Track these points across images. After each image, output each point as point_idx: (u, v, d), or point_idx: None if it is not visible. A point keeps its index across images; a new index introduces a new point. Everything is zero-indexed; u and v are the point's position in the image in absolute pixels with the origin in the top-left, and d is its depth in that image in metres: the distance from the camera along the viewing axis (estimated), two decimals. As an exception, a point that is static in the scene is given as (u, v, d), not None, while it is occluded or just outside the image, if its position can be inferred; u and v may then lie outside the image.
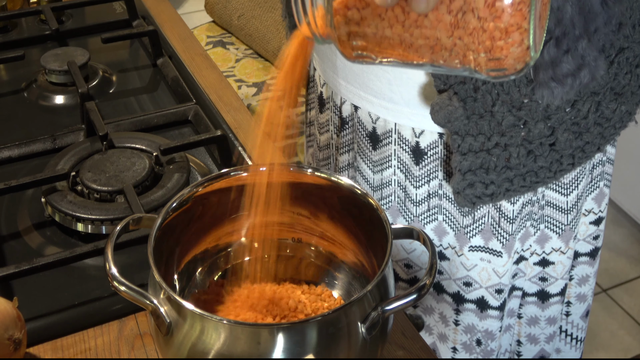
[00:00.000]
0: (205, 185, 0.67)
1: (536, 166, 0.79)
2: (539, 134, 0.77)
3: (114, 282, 0.58)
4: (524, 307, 0.96)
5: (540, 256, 0.90)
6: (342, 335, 0.56)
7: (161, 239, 0.64)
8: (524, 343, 0.99)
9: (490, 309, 0.91)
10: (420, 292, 0.57)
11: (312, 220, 0.71)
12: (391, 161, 0.86)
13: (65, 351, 0.70)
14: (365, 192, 0.65)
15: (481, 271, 0.88)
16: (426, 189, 0.85)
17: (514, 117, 0.75)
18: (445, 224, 0.86)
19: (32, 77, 1.11)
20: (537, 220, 0.87)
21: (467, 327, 0.93)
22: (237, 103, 1.06)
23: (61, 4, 1.25)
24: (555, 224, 0.88)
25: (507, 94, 0.74)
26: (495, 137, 0.76)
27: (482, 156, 0.77)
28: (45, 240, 0.83)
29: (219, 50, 2.12)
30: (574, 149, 0.79)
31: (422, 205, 0.86)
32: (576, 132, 0.78)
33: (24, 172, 0.92)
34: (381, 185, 0.88)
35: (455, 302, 0.91)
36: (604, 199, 0.93)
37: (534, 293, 0.95)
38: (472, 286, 0.90)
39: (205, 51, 1.21)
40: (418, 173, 0.84)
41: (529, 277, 0.93)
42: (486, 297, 0.90)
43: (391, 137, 0.84)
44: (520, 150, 0.77)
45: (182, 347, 0.57)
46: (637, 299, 1.94)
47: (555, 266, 0.92)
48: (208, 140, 0.92)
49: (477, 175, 0.79)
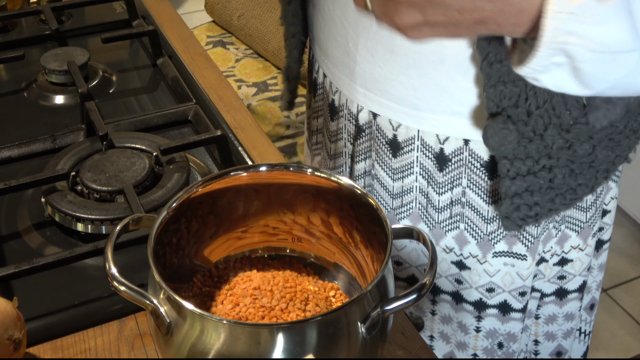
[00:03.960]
0: (205, 185, 0.67)
1: (576, 184, 0.80)
2: (582, 154, 0.77)
3: (114, 282, 0.58)
4: (542, 308, 0.96)
5: (560, 256, 0.90)
6: (342, 335, 0.56)
7: (161, 239, 0.64)
8: (541, 342, 0.99)
9: (513, 312, 0.91)
10: (420, 292, 0.57)
11: (312, 220, 0.71)
12: (413, 168, 0.85)
13: (65, 351, 0.70)
14: (365, 192, 0.65)
15: (504, 276, 0.88)
16: (449, 195, 0.84)
17: (563, 140, 0.75)
18: (466, 232, 0.86)
19: (32, 77, 1.11)
20: (559, 222, 0.87)
21: (489, 332, 0.93)
22: (237, 103, 1.06)
23: (61, 4, 1.25)
24: (575, 223, 0.88)
25: (559, 117, 0.74)
26: (543, 160, 0.77)
27: (529, 180, 0.77)
28: (45, 240, 0.83)
29: (219, 50, 2.12)
30: (608, 164, 0.81)
31: (444, 212, 0.85)
32: (611, 147, 0.79)
33: (24, 172, 0.92)
34: (402, 192, 0.87)
35: (477, 310, 0.91)
36: (609, 192, 0.93)
37: (553, 292, 0.94)
38: (494, 291, 0.89)
39: (205, 51, 1.21)
40: (441, 180, 0.84)
41: (548, 278, 0.92)
42: (509, 300, 0.90)
43: (413, 144, 0.83)
44: (565, 170, 0.78)
45: (182, 347, 0.57)
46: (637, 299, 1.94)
47: (573, 263, 0.92)
48: (208, 140, 0.92)
49: (522, 198, 0.79)
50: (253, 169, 0.69)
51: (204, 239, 0.70)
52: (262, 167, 0.69)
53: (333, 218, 0.70)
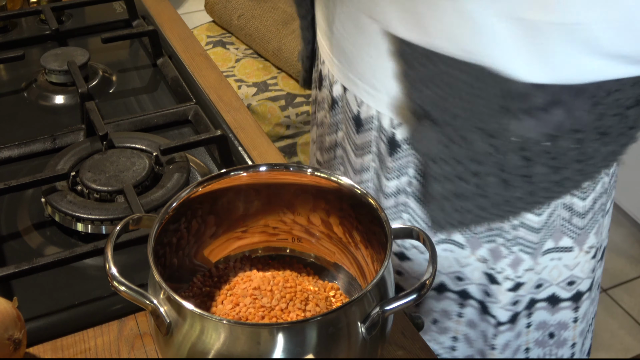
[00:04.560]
0: (205, 185, 0.67)
1: (509, 196, 0.78)
2: (513, 165, 0.76)
3: (113, 282, 0.58)
4: (497, 337, 0.95)
5: (513, 280, 0.89)
6: (342, 335, 0.56)
7: (161, 239, 0.64)
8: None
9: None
10: (420, 292, 0.57)
11: (311, 220, 0.71)
12: (371, 147, 0.86)
13: (65, 351, 0.70)
14: (365, 192, 0.65)
15: (443, 262, 0.88)
16: (396, 183, 0.84)
17: (488, 146, 0.74)
18: (409, 223, 0.85)
19: (32, 77, 1.11)
20: (509, 241, 0.85)
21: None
22: (237, 103, 1.06)
23: (61, 4, 1.25)
24: (525, 243, 0.87)
25: (483, 121, 0.73)
26: (470, 164, 0.76)
27: (456, 182, 0.77)
28: (45, 240, 0.83)
29: (219, 50, 2.12)
30: (550, 183, 0.78)
31: (390, 199, 0.86)
32: (554, 166, 0.77)
33: (24, 172, 0.92)
34: (361, 169, 0.89)
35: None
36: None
37: (508, 319, 0.93)
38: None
39: (205, 51, 1.21)
40: (391, 165, 0.84)
41: (503, 304, 0.91)
42: (446, 283, 0.90)
43: (372, 123, 0.84)
44: (493, 179, 0.76)
45: (182, 347, 0.57)
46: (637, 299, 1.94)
47: (525, 286, 0.90)
48: (208, 140, 0.92)
49: (450, 202, 0.78)
50: (253, 169, 0.69)
51: (204, 239, 0.70)
52: (262, 167, 0.69)
53: (333, 218, 0.70)
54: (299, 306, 0.65)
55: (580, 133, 0.75)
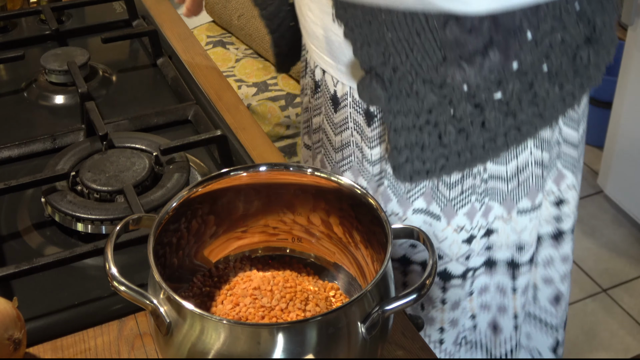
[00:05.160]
0: (205, 185, 0.67)
1: (469, 144, 0.80)
2: (466, 113, 0.78)
3: (113, 282, 0.58)
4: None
5: (485, 228, 0.91)
6: (342, 335, 0.56)
7: (161, 239, 0.64)
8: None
9: (454, 279, 0.92)
10: (420, 292, 0.57)
11: (311, 220, 0.71)
12: (348, 123, 0.88)
13: (65, 351, 0.70)
14: (365, 192, 0.65)
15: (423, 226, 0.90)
16: (379, 150, 0.87)
17: (437, 96, 0.77)
18: (389, 190, 0.88)
19: (32, 77, 1.11)
20: (481, 194, 0.87)
21: (454, 304, 0.94)
22: (237, 103, 1.06)
23: (61, 4, 1.25)
24: (498, 193, 0.89)
25: (426, 72, 0.76)
26: (423, 115, 0.78)
27: (415, 133, 0.80)
28: (45, 240, 0.82)
29: (219, 50, 2.12)
30: (507, 129, 0.80)
31: (377, 166, 0.88)
32: (507, 112, 0.78)
33: (24, 172, 0.92)
34: (342, 146, 0.91)
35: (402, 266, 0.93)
36: (563, 180, 0.93)
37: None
38: (417, 248, 0.91)
39: (205, 51, 1.21)
40: (371, 134, 0.86)
41: (477, 252, 0.93)
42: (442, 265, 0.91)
43: (347, 99, 0.87)
44: (450, 128, 0.79)
45: (182, 347, 0.57)
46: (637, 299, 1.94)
47: (498, 234, 0.92)
48: (208, 140, 0.92)
49: (413, 152, 0.81)
50: (253, 169, 0.69)
51: (204, 239, 0.70)
52: (262, 167, 0.69)
53: (333, 218, 0.70)
54: (299, 306, 0.65)
55: (527, 76, 0.76)
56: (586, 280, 1.99)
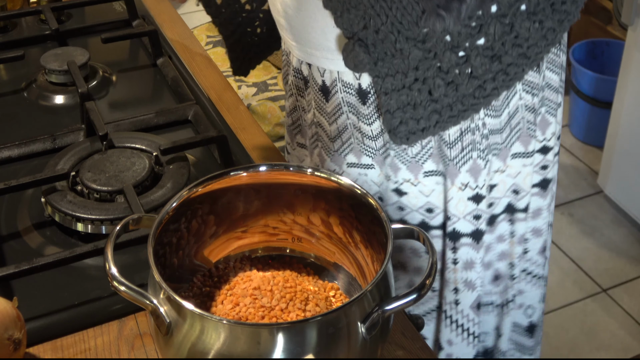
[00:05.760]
0: (205, 185, 0.67)
1: (460, 95, 0.81)
2: (452, 63, 0.79)
3: (113, 282, 0.58)
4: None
5: (487, 185, 0.92)
6: (342, 335, 0.56)
7: (161, 239, 0.64)
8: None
9: (464, 237, 0.94)
10: (420, 292, 0.57)
11: (311, 220, 0.71)
12: (342, 108, 0.89)
13: (65, 351, 0.70)
14: (365, 192, 0.65)
15: (439, 195, 0.91)
16: (378, 124, 0.88)
17: (421, 51, 0.78)
18: (396, 159, 0.89)
19: (32, 77, 1.11)
20: (483, 151, 0.89)
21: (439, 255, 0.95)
22: (237, 103, 1.06)
23: (61, 4, 1.25)
24: (495, 147, 0.90)
25: (408, 29, 0.76)
26: (411, 73, 0.79)
27: (405, 93, 0.81)
28: (45, 240, 0.83)
29: (219, 50, 2.12)
30: (494, 73, 0.81)
31: (379, 140, 0.89)
32: (491, 56, 0.80)
33: (24, 172, 0.92)
34: (339, 132, 0.91)
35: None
36: (548, 128, 0.94)
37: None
38: (433, 212, 0.92)
39: (205, 51, 1.21)
40: (367, 111, 0.87)
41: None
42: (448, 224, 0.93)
43: (337, 85, 0.87)
44: (438, 81, 0.80)
45: (182, 347, 0.57)
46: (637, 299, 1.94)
47: (498, 187, 0.93)
48: (208, 140, 0.92)
49: (406, 113, 0.82)
50: (253, 169, 0.69)
51: (204, 239, 0.70)
52: (262, 167, 0.69)
53: (333, 218, 0.70)
54: (299, 306, 0.65)
55: (507, 17, 0.78)
56: (586, 280, 1.99)
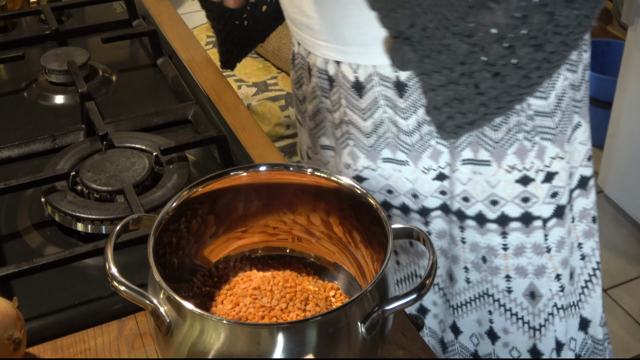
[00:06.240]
0: (205, 185, 0.67)
1: (506, 86, 0.81)
2: (498, 56, 0.79)
3: (113, 282, 0.58)
4: (549, 237, 0.96)
5: (544, 171, 0.91)
6: (342, 335, 0.56)
7: (161, 239, 0.64)
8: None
9: (489, 223, 0.93)
10: (420, 292, 0.57)
11: (311, 220, 0.71)
12: (378, 102, 0.89)
13: (65, 351, 0.70)
14: (365, 192, 0.65)
15: (475, 184, 0.91)
16: (415, 118, 0.88)
17: (468, 45, 0.78)
18: (439, 145, 0.89)
19: (32, 77, 1.11)
20: (529, 133, 0.88)
21: (472, 245, 0.94)
22: (237, 103, 1.06)
23: (61, 3, 1.25)
24: (546, 131, 0.90)
25: (455, 24, 0.77)
26: (457, 67, 0.80)
27: (452, 88, 0.81)
28: (45, 240, 0.83)
29: (219, 50, 2.11)
30: (539, 62, 0.82)
31: (414, 135, 0.89)
32: (536, 45, 0.80)
33: (24, 172, 0.92)
34: (374, 128, 0.91)
35: (459, 220, 0.94)
36: (579, 129, 0.95)
37: (552, 215, 0.95)
38: (469, 201, 0.92)
39: (205, 51, 1.21)
40: (404, 105, 0.87)
41: (543, 200, 0.93)
42: (483, 211, 0.92)
43: (373, 80, 0.87)
44: (485, 74, 0.80)
45: (182, 347, 0.57)
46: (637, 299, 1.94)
47: (559, 175, 0.92)
48: (208, 140, 0.92)
49: (453, 107, 0.82)
50: (253, 169, 0.69)
51: (204, 239, 0.70)
52: (262, 167, 0.69)
53: (333, 218, 0.70)
54: (299, 306, 0.65)
55: (548, 6, 0.79)
56: (586, 280, 1.99)
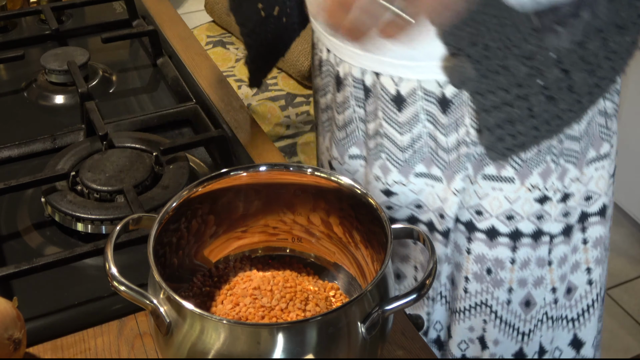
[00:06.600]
0: (205, 185, 0.67)
1: (558, 110, 0.81)
2: (555, 79, 0.79)
3: (113, 282, 0.58)
4: (553, 251, 0.96)
5: (562, 192, 0.91)
6: (342, 335, 0.56)
7: (161, 239, 0.64)
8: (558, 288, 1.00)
9: (501, 237, 0.92)
10: (420, 292, 0.57)
11: (311, 220, 0.71)
12: (419, 116, 0.87)
13: (65, 351, 0.70)
14: (365, 192, 0.65)
15: (492, 200, 0.90)
16: (455, 137, 0.87)
17: (527, 68, 0.78)
18: (472, 171, 0.88)
19: (32, 77, 1.11)
20: (557, 155, 0.88)
21: (478, 257, 0.94)
22: (237, 103, 1.06)
23: (61, 3, 1.25)
24: (571, 154, 0.89)
25: (517, 46, 0.76)
26: (514, 89, 0.79)
27: (505, 110, 0.80)
28: (45, 240, 0.83)
29: (219, 50, 2.12)
30: (590, 87, 0.82)
31: (452, 153, 0.88)
32: (589, 70, 0.80)
33: (24, 172, 0.92)
34: (412, 142, 0.90)
35: (468, 231, 0.93)
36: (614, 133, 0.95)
37: (560, 232, 0.95)
38: (482, 215, 0.91)
39: (205, 51, 1.21)
40: (446, 121, 0.86)
41: (554, 217, 0.92)
42: (496, 225, 0.91)
43: (416, 94, 0.86)
44: (540, 97, 0.80)
45: (182, 347, 0.57)
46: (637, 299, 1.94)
47: (574, 196, 0.92)
48: (208, 140, 0.92)
49: (504, 129, 0.81)
50: (253, 169, 0.69)
51: (204, 239, 0.70)
52: (262, 167, 0.69)
53: (333, 218, 0.70)
54: (299, 306, 0.65)
55: (604, 32, 0.79)
56: (586, 280, 1.99)
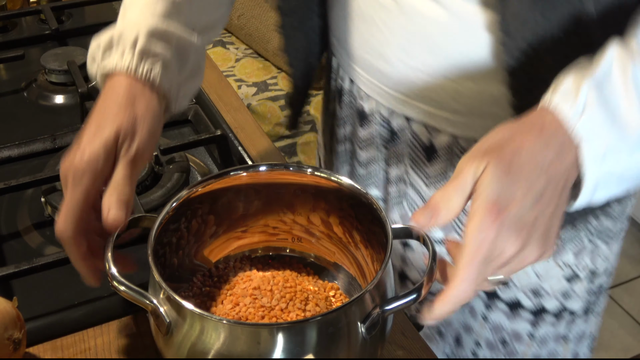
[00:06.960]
0: (205, 185, 0.67)
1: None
2: None
3: (113, 282, 0.58)
4: (572, 329, 0.93)
5: (591, 271, 0.88)
6: (342, 335, 0.56)
7: (161, 239, 0.64)
8: None
9: (524, 311, 0.88)
10: (419, 292, 0.57)
11: (311, 220, 0.71)
12: (448, 173, 0.82)
13: (65, 351, 0.70)
14: (365, 192, 0.65)
15: (521, 273, 0.85)
16: None
17: None
18: None
19: (32, 76, 1.11)
20: (592, 233, 0.85)
21: (495, 326, 0.91)
22: (237, 103, 1.06)
23: (61, 3, 1.25)
24: (607, 233, 0.87)
25: None
26: None
27: None
28: (45, 240, 0.82)
29: (219, 50, 2.12)
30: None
31: None
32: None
33: (24, 172, 0.92)
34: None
35: (488, 298, 0.89)
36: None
37: (581, 310, 0.92)
38: (507, 285, 0.86)
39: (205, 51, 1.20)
40: None
41: (579, 296, 0.89)
42: (521, 299, 0.87)
43: (453, 150, 0.80)
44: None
45: (182, 347, 0.57)
46: (637, 299, 1.94)
47: (601, 275, 0.90)
48: (208, 140, 0.92)
49: None
50: (253, 169, 0.69)
51: (204, 239, 0.70)
52: (262, 167, 0.69)
53: (333, 218, 0.70)
54: (299, 306, 0.65)
55: None
56: (586, 280, 1.99)
